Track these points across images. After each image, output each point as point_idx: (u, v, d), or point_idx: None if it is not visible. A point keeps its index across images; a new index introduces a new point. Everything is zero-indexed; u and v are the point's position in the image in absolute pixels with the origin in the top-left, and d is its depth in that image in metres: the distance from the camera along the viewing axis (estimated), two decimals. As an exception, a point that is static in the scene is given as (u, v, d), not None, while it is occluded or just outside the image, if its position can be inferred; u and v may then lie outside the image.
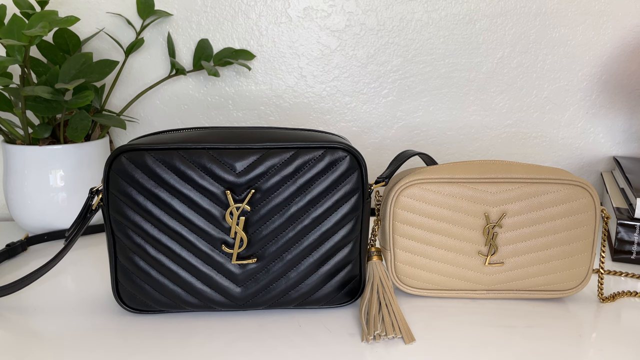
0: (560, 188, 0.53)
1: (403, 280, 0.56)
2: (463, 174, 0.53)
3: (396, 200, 0.53)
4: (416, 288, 0.56)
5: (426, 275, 0.55)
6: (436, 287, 0.56)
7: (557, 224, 0.53)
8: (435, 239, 0.54)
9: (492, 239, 0.54)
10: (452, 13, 0.85)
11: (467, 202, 0.53)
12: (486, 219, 0.53)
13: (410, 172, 0.56)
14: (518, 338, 0.49)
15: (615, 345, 0.48)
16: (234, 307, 0.52)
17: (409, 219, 0.54)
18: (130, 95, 0.85)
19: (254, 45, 0.85)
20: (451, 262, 0.55)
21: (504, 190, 0.53)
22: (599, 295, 0.56)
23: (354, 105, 0.88)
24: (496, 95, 0.88)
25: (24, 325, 0.51)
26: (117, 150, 0.48)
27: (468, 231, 0.54)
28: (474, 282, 0.55)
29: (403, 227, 0.54)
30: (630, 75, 0.87)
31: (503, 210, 0.53)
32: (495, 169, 0.53)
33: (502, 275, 0.55)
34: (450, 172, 0.53)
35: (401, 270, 0.55)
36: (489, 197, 0.53)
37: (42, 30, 0.62)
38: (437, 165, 0.55)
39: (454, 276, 0.55)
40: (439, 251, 0.54)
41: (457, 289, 0.56)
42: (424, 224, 0.54)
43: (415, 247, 0.54)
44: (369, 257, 0.55)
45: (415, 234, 0.54)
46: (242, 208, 0.49)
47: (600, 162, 0.90)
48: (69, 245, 0.52)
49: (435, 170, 0.53)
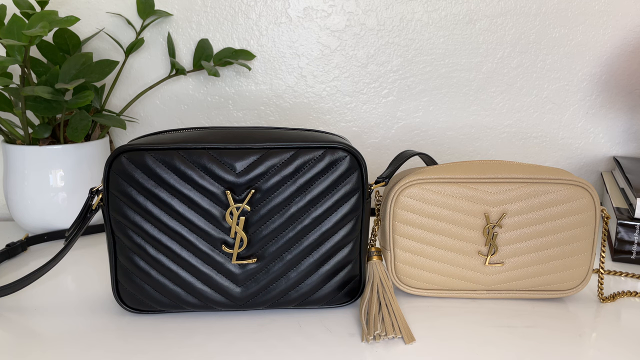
0: (560, 188, 0.53)
1: (403, 280, 0.56)
2: (463, 174, 0.53)
3: (396, 200, 0.53)
4: (416, 288, 0.56)
5: (426, 275, 0.55)
6: (436, 287, 0.56)
7: (557, 224, 0.53)
8: (435, 239, 0.54)
9: (492, 239, 0.54)
10: (452, 13, 0.85)
11: (467, 202, 0.53)
12: (486, 219, 0.53)
13: (410, 172, 0.56)
14: (518, 338, 0.49)
15: (615, 345, 0.48)
16: (234, 307, 0.52)
17: (409, 219, 0.54)
18: (130, 95, 0.85)
19: (254, 45, 0.85)
20: (451, 262, 0.55)
21: (504, 191, 0.53)
22: (599, 295, 0.56)
23: (354, 105, 0.88)
24: (496, 95, 0.88)
25: (24, 325, 0.51)
26: (117, 151, 0.48)
27: (468, 231, 0.54)
28: (474, 282, 0.55)
29: (403, 227, 0.54)
30: (630, 75, 0.87)
31: (503, 210, 0.53)
32: (495, 169, 0.53)
33: (502, 275, 0.55)
34: (450, 172, 0.53)
35: (401, 270, 0.55)
36: (489, 197, 0.53)
37: (42, 30, 0.62)
38: (437, 165, 0.55)
39: (454, 276, 0.55)
40: (439, 251, 0.54)
41: (457, 289, 0.56)
42: (424, 224, 0.54)
43: (415, 247, 0.54)
44: (369, 257, 0.55)
45: (415, 234, 0.54)
46: (242, 208, 0.49)
47: (600, 162, 0.90)
48: (69, 245, 0.52)
49: (435, 170, 0.53)
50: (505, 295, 0.56)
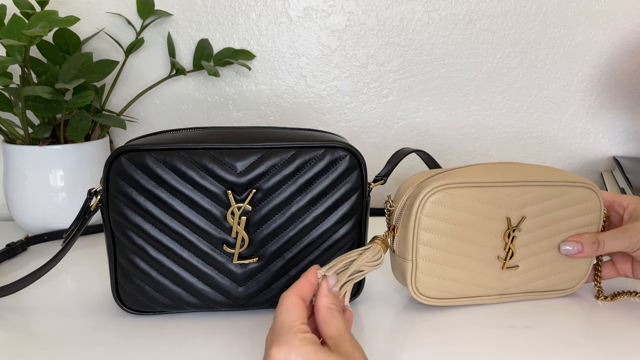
0: (574, 190, 0.53)
1: (422, 291, 0.52)
2: (486, 177, 0.51)
3: (423, 207, 0.50)
4: (433, 298, 0.53)
5: (444, 283, 0.52)
6: (453, 296, 0.53)
7: (567, 225, 0.54)
8: (459, 246, 0.52)
9: (511, 243, 0.53)
10: (452, 13, 0.85)
11: (491, 206, 0.51)
12: (507, 223, 0.52)
13: (428, 178, 0.52)
14: (518, 338, 0.49)
15: (615, 345, 0.48)
16: (234, 307, 0.52)
17: (434, 226, 0.50)
18: (130, 95, 0.85)
19: (254, 45, 0.85)
20: (471, 269, 0.53)
21: (523, 194, 0.52)
22: (599, 294, 0.56)
23: (354, 105, 0.88)
24: (496, 95, 0.88)
25: (24, 325, 0.51)
26: (117, 151, 0.48)
27: (490, 236, 0.52)
28: (489, 287, 0.54)
29: (428, 235, 0.51)
30: (630, 75, 0.87)
31: (522, 213, 0.52)
32: (514, 172, 0.52)
33: (516, 278, 0.54)
34: (474, 176, 0.51)
35: (421, 281, 0.52)
36: (511, 200, 0.52)
37: (42, 30, 0.62)
38: (457, 168, 0.53)
39: (471, 283, 0.53)
40: (461, 258, 0.52)
41: (473, 296, 0.54)
42: (449, 230, 0.51)
43: (438, 255, 0.51)
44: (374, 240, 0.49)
45: (439, 241, 0.51)
46: (243, 208, 0.49)
47: (600, 162, 0.90)
48: (67, 246, 0.52)
49: (459, 175, 0.51)
50: (515, 299, 0.55)
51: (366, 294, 0.57)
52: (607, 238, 0.53)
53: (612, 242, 0.53)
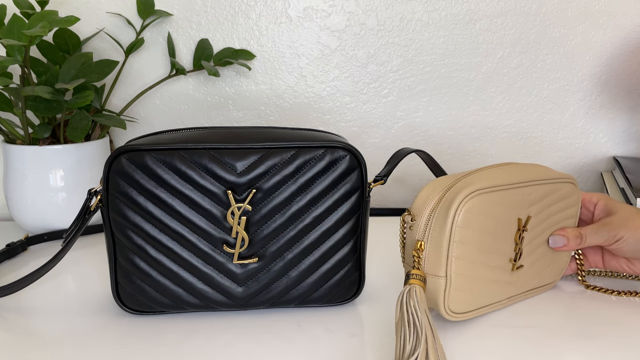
0: (564, 186, 0.55)
1: (453, 308, 0.48)
2: (506, 179, 0.50)
3: (458, 217, 0.46)
4: (460, 313, 0.49)
5: (470, 296, 0.49)
6: (473, 308, 0.50)
7: (555, 219, 0.55)
8: (485, 253, 0.49)
9: (520, 243, 0.52)
10: (452, 13, 0.85)
11: (509, 208, 0.50)
12: (519, 224, 0.51)
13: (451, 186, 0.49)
14: (518, 338, 0.49)
15: (615, 345, 0.48)
16: (234, 307, 0.52)
17: (467, 237, 0.47)
18: (130, 95, 0.85)
19: (254, 45, 0.85)
20: (491, 276, 0.50)
21: (531, 193, 0.52)
22: (580, 280, 0.59)
23: (354, 105, 0.88)
24: (496, 95, 0.88)
25: (24, 325, 0.51)
26: (117, 151, 0.48)
27: (508, 239, 0.51)
28: (502, 292, 0.52)
29: (462, 247, 0.47)
30: (630, 75, 0.87)
31: (529, 212, 0.52)
32: (522, 172, 0.52)
33: (520, 278, 0.54)
34: (496, 179, 0.49)
35: (453, 298, 0.48)
36: (523, 200, 0.51)
37: (42, 30, 0.62)
38: (475, 173, 0.50)
39: (490, 291, 0.51)
40: (487, 267, 0.50)
41: (489, 304, 0.52)
42: (478, 239, 0.48)
43: (467, 267, 0.48)
44: (408, 279, 0.46)
45: (471, 252, 0.48)
46: (243, 208, 0.49)
47: (600, 162, 0.90)
48: (67, 246, 0.52)
49: (484, 179, 0.49)
50: (517, 299, 0.55)
51: (366, 293, 0.57)
52: (588, 233, 0.55)
53: (593, 237, 0.55)
